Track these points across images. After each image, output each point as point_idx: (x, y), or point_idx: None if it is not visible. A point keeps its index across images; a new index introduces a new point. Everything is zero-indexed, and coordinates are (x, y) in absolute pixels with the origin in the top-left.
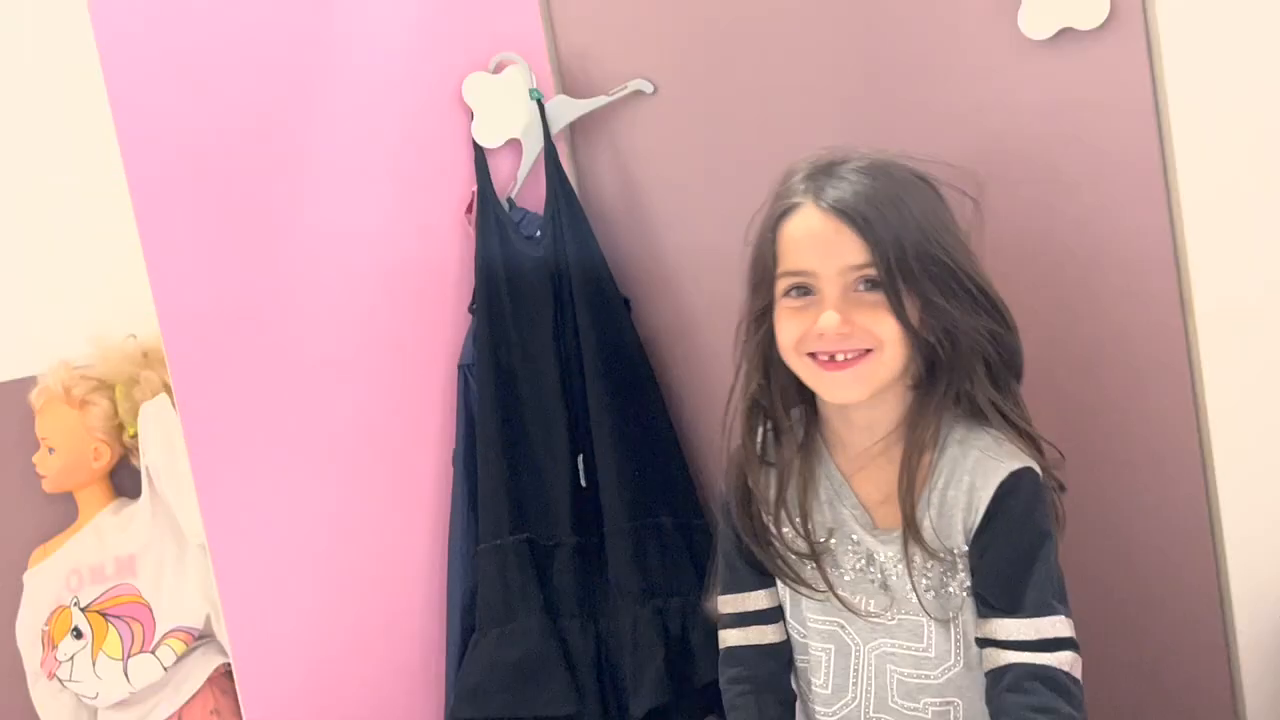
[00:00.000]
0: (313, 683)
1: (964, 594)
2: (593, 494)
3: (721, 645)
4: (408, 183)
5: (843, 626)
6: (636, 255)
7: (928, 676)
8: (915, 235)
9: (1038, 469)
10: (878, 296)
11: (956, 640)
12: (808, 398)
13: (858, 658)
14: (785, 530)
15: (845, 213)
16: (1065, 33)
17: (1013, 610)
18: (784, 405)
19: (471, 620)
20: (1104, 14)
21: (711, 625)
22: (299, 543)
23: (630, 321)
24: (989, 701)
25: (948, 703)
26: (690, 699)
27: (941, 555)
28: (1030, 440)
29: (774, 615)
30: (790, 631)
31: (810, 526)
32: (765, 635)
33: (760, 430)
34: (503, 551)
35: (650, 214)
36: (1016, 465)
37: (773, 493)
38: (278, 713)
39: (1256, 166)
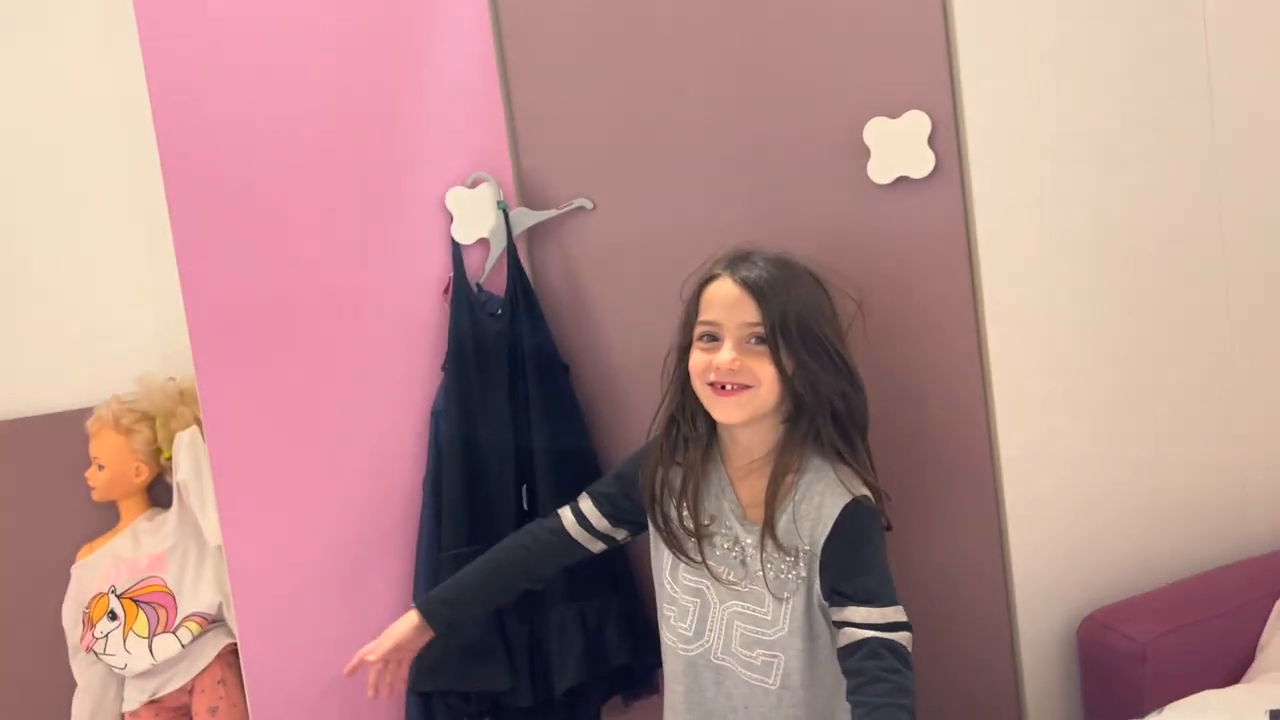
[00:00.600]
0: (302, 659)
1: (799, 584)
2: (532, 516)
3: (564, 509)
4: (401, 268)
5: (707, 588)
6: (576, 331)
7: (763, 634)
8: (798, 310)
9: (871, 499)
10: (763, 349)
11: (786, 613)
12: (712, 419)
13: (714, 612)
14: (684, 512)
15: (748, 285)
16: (901, 180)
17: (868, 601)
18: (694, 421)
19: None
20: (930, 166)
21: (621, 622)
22: (299, 547)
23: (569, 383)
24: (846, 666)
25: (773, 655)
26: (603, 680)
27: (787, 550)
28: (865, 478)
29: (599, 538)
30: (664, 587)
31: (699, 512)
32: (579, 535)
33: (674, 436)
34: (461, 559)
35: (588, 300)
36: (856, 495)
37: (678, 483)
38: (274, 683)
39: (1046, 279)
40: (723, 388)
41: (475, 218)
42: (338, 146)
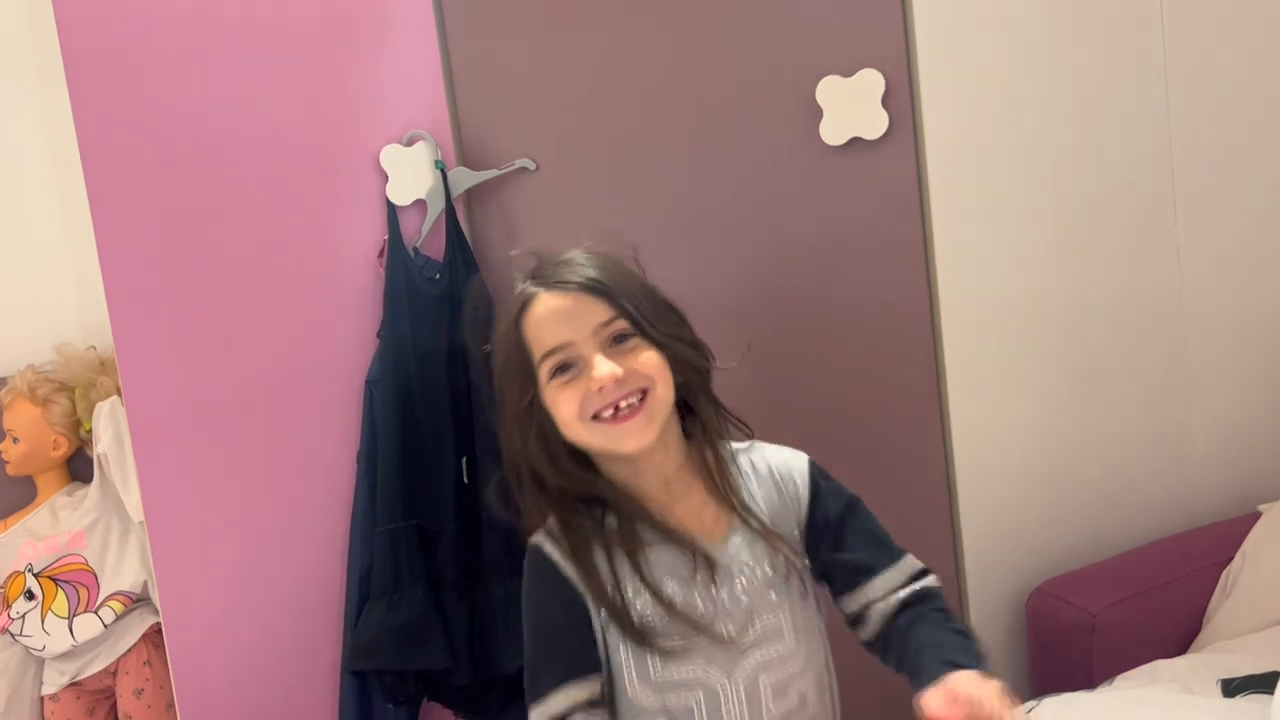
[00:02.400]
0: (230, 639)
1: (789, 569)
2: (473, 490)
3: None
4: (333, 230)
5: (705, 670)
6: None
7: (793, 669)
8: (638, 283)
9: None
10: (633, 342)
11: (803, 619)
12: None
13: (725, 692)
14: (638, 602)
15: (580, 284)
16: (855, 141)
17: (887, 564)
18: (583, 485)
19: (367, 590)
20: (884, 127)
21: None
22: (223, 522)
23: None
24: (896, 634)
25: (805, 678)
26: None
27: (776, 535)
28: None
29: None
30: (636, 700)
31: (660, 584)
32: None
33: (575, 526)
34: (395, 534)
35: None
36: (803, 454)
37: (619, 571)
38: (200, 664)
39: (1000, 247)
40: (615, 411)
41: (411, 178)
42: (266, 102)
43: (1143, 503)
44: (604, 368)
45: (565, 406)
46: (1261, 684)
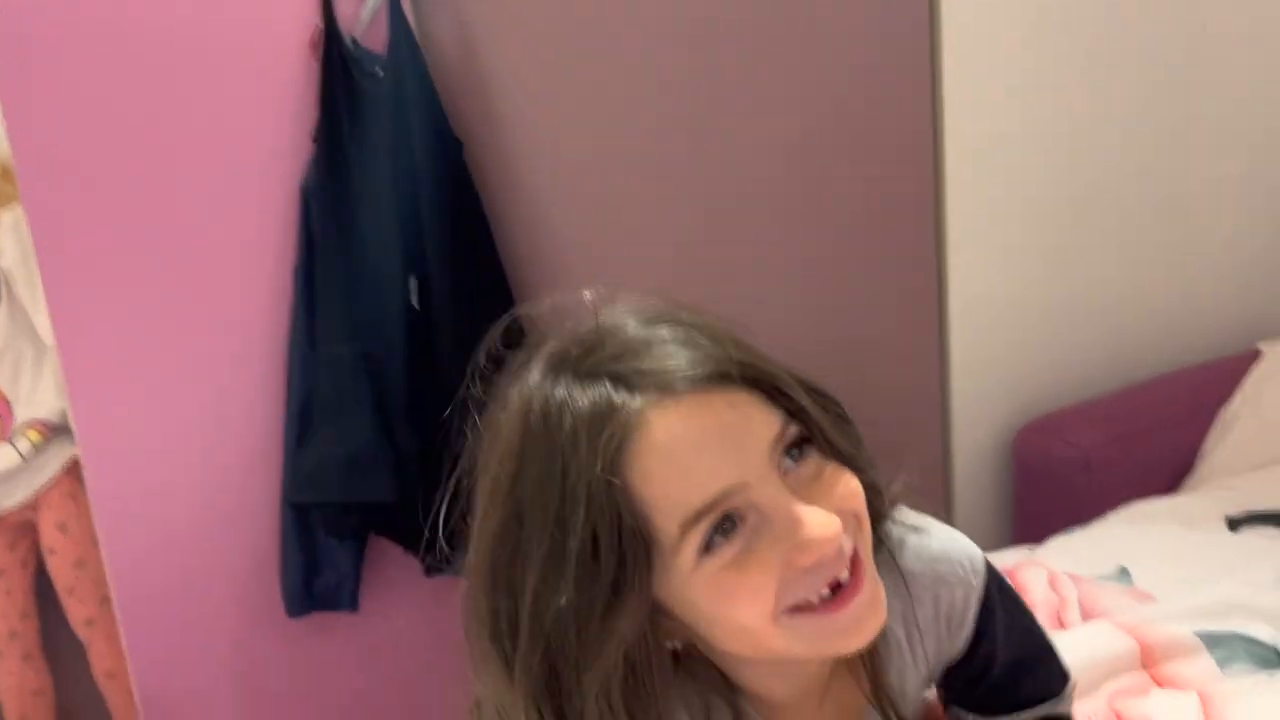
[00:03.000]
0: (156, 473)
1: None
2: (425, 314)
3: None
4: (258, 13)
5: None
6: (470, 102)
7: None
8: (770, 357)
9: (978, 550)
10: (813, 458)
11: None
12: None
13: None
14: None
15: (717, 375)
16: None
17: (1049, 692)
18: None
19: (309, 417)
20: None
21: None
22: (144, 345)
23: (464, 161)
24: None
25: None
26: None
27: None
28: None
29: None
30: None
31: None
32: None
33: None
34: (338, 359)
35: (484, 66)
36: (977, 567)
37: None
38: (122, 496)
39: (1006, 81)
40: (835, 588)
41: None
42: None
43: (1143, 338)
44: (817, 521)
45: (747, 603)
46: (1266, 519)
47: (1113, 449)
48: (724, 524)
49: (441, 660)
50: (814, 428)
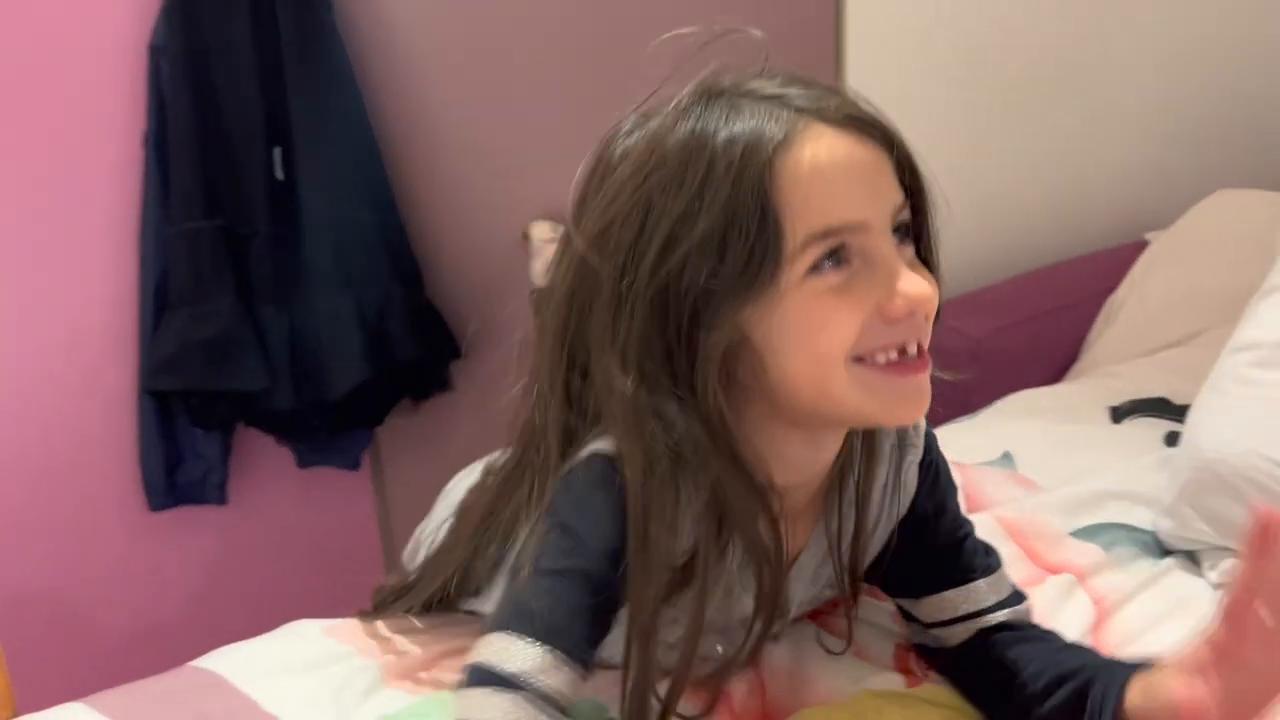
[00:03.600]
0: None
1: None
2: (289, 187)
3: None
4: None
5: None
6: None
7: None
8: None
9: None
10: (910, 252)
11: None
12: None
13: None
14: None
15: (870, 124)
16: None
17: (986, 568)
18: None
19: (165, 298)
20: None
21: (406, 312)
22: None
23: (333, 23)
24: (1005, 647)
25: None
26: (390, 379)
27: (858, 580)
28: None
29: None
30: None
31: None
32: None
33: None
34: (195, 235)
35: None
36: (921, 429)
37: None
38: None
39: None
40: (902, 354)
41: None
42: None
43: (1034, 226)
44: (918, 280)
45: (834, 328)
46: (1148, 408)
47: (1002, 337)
48: (838, 252)
49: (316, 554)
50: (924, 226)
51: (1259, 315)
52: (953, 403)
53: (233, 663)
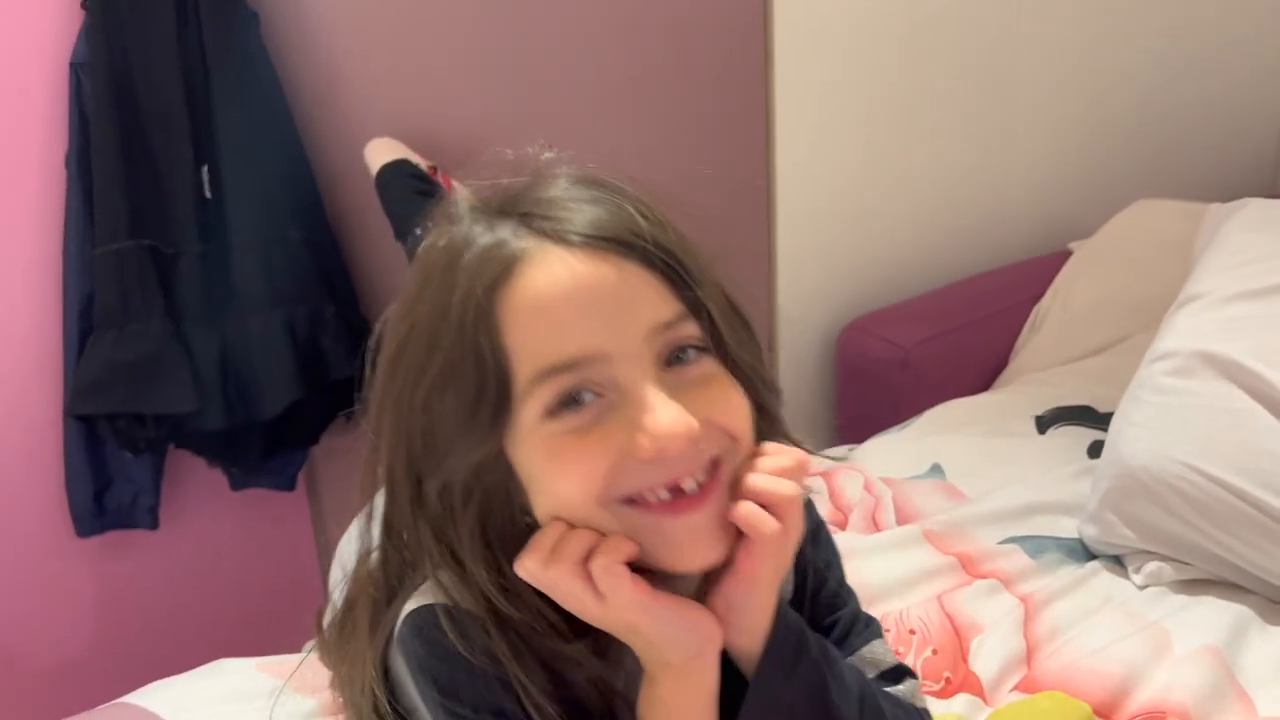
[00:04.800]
0: None
1: None
2: (217, 205)
3: None
4: None
5: None
6: None
7: None
8: (701, 259)
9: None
10: (704, 365)
11: None
12: None
13: None
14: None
15: (625, 240)
16: None
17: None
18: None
19: (90, 322)
20: None
21: (339, 328)
22: None
23: (259, 35)
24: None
25: None
26: (323, 398)
27: None
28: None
29: None
30: None
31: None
32: None
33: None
34: (121, 256)
35: None
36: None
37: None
38: None
39: None
40: (676, 493)
41: None
42: None
43: (959, 238)
44: (668, 414)
45: (573, 475)
46: (1072, 416)
47: (930, 346)
48: (577, 396)
49: (252, 577)
50: (716, 334)
51: (1175, 325)
52: (887, 410)
53: (165, 698)
